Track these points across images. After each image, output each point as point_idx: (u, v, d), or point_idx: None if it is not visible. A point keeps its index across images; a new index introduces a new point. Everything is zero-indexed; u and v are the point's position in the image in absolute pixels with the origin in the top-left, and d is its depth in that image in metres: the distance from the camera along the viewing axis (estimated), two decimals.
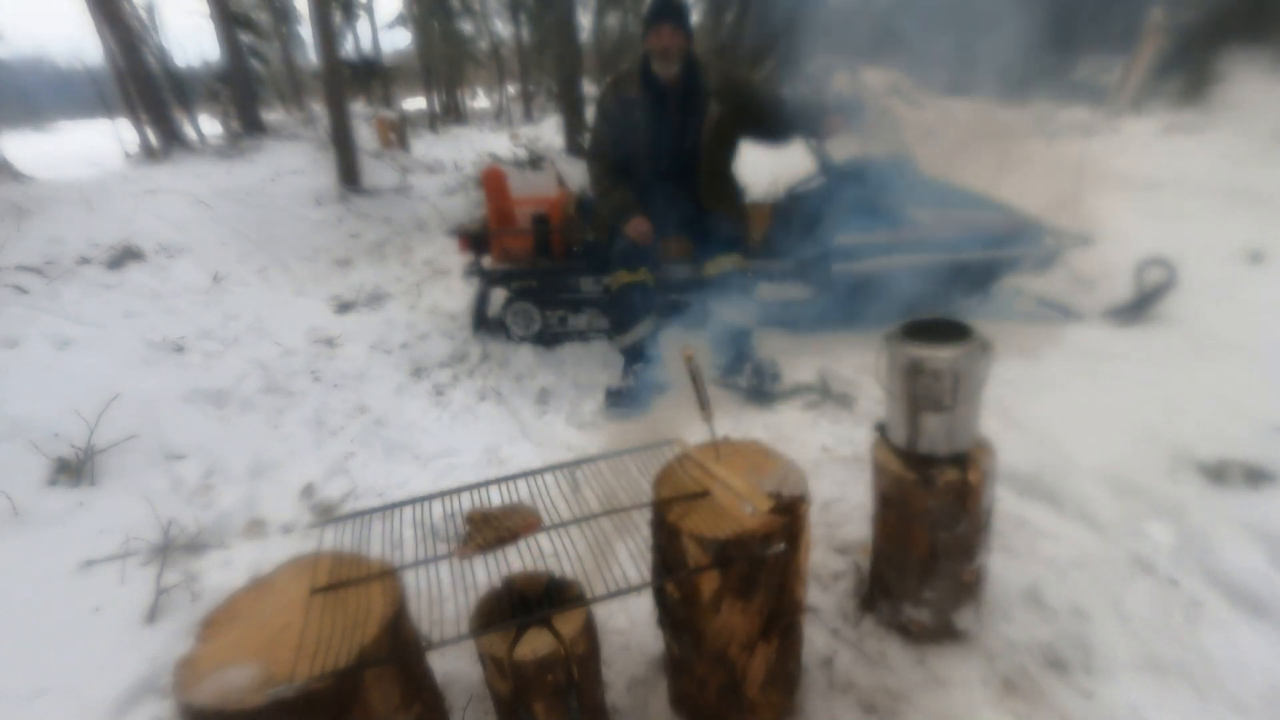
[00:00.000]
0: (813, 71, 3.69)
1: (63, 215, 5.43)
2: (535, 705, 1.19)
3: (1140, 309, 3.37)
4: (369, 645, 1.08)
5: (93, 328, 3.52)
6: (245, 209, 6.31)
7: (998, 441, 1.63)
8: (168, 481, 2.50)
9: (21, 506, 2.25)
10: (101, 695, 1.62)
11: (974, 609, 1.68)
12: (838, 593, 1.88)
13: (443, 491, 1.45)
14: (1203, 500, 1.99)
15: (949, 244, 3.35)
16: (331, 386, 3.37)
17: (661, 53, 2.88)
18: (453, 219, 6.27)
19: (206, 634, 1.15)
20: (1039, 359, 3.01)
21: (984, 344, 1.50)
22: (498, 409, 3.13)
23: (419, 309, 4.48)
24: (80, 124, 22.03)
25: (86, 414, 2.58)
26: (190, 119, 11.88)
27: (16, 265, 4.25)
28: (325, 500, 2.49)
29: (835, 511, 2.20)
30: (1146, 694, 1.50)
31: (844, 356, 3.24)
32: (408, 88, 25.41)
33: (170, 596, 1.94)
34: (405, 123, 12.92)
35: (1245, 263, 3.81)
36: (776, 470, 1.45)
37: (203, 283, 4.59)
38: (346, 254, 5.88)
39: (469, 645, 1.48)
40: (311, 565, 1.27)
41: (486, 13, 21.95)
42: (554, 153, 8.99)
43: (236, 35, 12.35)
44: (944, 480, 1.52)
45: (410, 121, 14.74)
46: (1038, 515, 2.08)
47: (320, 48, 7.82)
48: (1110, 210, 4.37)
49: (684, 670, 1.48)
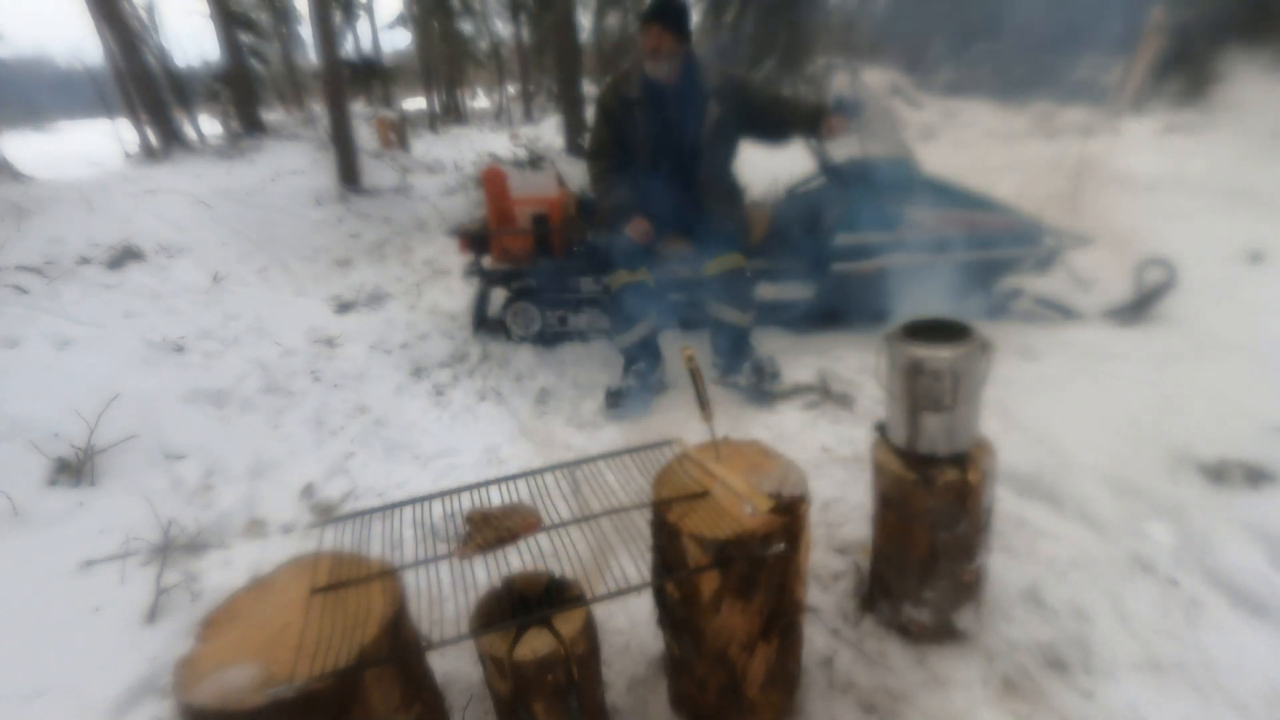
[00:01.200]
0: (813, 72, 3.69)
1: (63, 215, 5.44)
2: (535, 705, 1.19)
3: (1140, 309, 3.36)
4: (369, 645, 1.08)
5: (93, 328, 3.52)
6: (245, 209, 6.31)
7: (998, 441, 1.63)
8: (168, 481, 2.50)
9: (21, 506, 2.25)
10: (101, 695, 1.62)
11: (974, 609, 1.68)
12: (838, 593, 1.88)
13: (443, 491, 1.45)
14: (1203, 500, 1.99)
15: (949, 244, 3.35)
16: (331, 386, 3.37)
17: (651, 53, 2.89)
18: (453, 219, 6.27)
19: (206, 634, 1.15)
20: (1039, 359, 3.00)
21: (984, 344, 1.50)
22: (498, 409, 3.13)
23: (419, 309, 4.48)
24: (80, 124, 22.01)
25: (86, 414, 2.58)
26: (190, 119, 11.89)
27: (16, 265, 4.25)
28: (325, 500, 2.49)
29: (835, 511, 2.20)
30: (1146, 694, 1.50)
31: (844, 356, 3.24)
32: (408, 88, 25.40)
33: (170, 596, 1.94)
34: (405, 123, 12.91)
35: (1245, 263, 3.81)
36: (776, 470, 1.45)
37: (203, 283, 4.59)
38: (346, 254, 5.88)
39: (469, 645, 1.48)
40: (311, 565, 1.27)
41: (486, 13, 21.94)
42: (554, 153, 8.99)
43: (236, 35, 12.35)
44: (944, 480, 1.52)
45: (410, 121, 14.73)
46: (1038, 515, 2.08)
47: (320, 48, 7.81)
48: (1110, 210, 4.37)
49: (684, 670, 1.48)
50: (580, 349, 3.68)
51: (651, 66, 2.93)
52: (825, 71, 3.75)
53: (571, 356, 3.61)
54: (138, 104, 9.80)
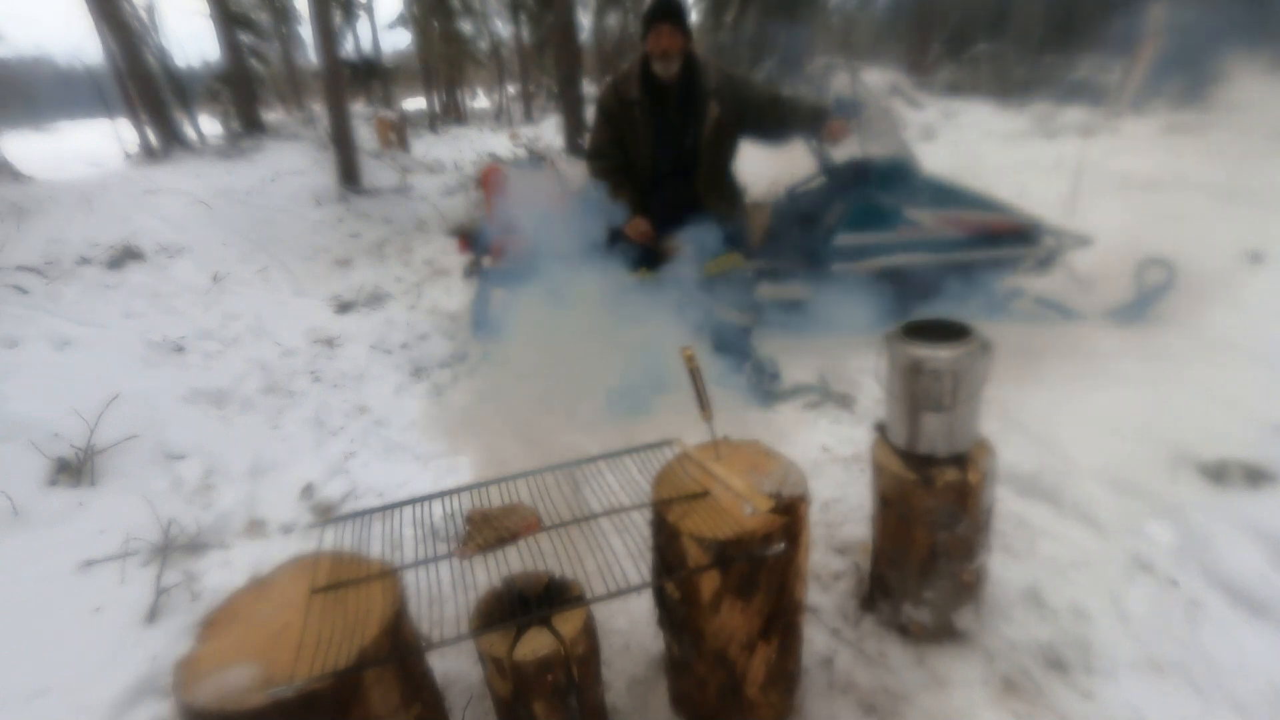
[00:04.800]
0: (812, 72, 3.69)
1: (63, 215, 5.44)
2: (535, 705, 1.19)
3: (1140, 309, 3.36)
4: (369, 645, 1.08)
5: (93, 328, 3.52)
6: (245, 209, 6.31)
7: (998, 441, 1.63)
8: (168, 481, 2.50)
9: (21, 506, 2.25)
10: (101, 695, 1.62)
11: (974, 609, 1.68)
12: (838, 593, 1.88)
13: (443, 491, 1.45)
14: (1203, 500, 1.99)
15: (949, 244, 3.35)
16: (331, 386, 3.37)
17: (661, 54, 2.88)
18: (453, 219, 6.27)
19: (206, 634, 1.15)
20: (1039, 359, 3.00)
21: (984, 344, 1.50)
22: (497, 409, 3.13)
23: (419, 309, 4.48)
24: (80, 124, 22.03)
25: (86, 414, 2.58)
26: (190, 119, 11.87)
27: (16, 265, 4.25)
28: (325, 500, 2.49)
29: (835, 511, 2.20)
30: (1146, 694, 1.50)
31: (844, 356, 3.24)
32: (408, 88, 25.42)
33: (170, 596, 1.94)
34: (405, 123, 12.91)
35: (1245, 263, 3.81)
36: (776, 470, 1.45)
37: (203, 283, 4.59)
38: (346, 254, 5.88)
39: (469, 645, 1.48)
40: (311, 565, 1.27)
41: (486, 13, 21.96)
42: (554, 153, 8.98)
43: (236, 35, 12.35)
44: (944, 480, 1.52)
45: (410, 121, 14.73)
46: (1038, 515, 2.08)
47: (320, 48, 7.81)
48: (1110, 210, 4.37)
49: (684, 670, 1.48)
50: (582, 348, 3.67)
51: (661, 67, 2.93)
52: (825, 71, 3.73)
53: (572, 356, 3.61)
54: (138, 104, 9.79)
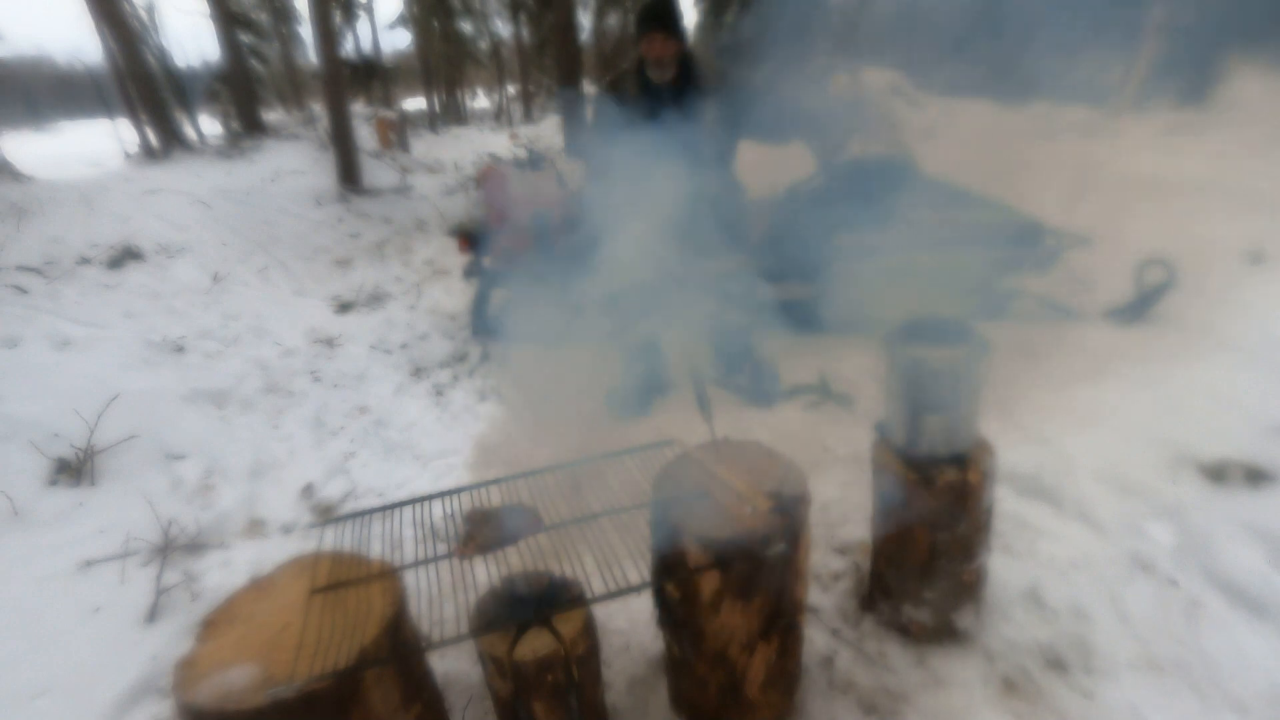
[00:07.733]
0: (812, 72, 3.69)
1: (63, 215, 5.43)
2: (535, 705, 1.19)
3: (1140, 309, 3.36)
4: (369, 645, 1.08)
5: (93, 328, 3.52)
6: (245, 209, 6.30)
7: (998, 441, 1.63)
8: (168, 481, 2.50)
9: (21, 506, 2.25)
10: (101, 695, 1.62)
11: (974, 609, 1.68)
12: (838, 593, 1.88)
13: (443, 491, 1.45)
14: (1203, 500, 1.99)
15: (949, 244, 3.34)
16: (331, 386, 3.37)
17: (655, 61, 2.88)
18: (453, 219, 6.27)
19: (206, 634, 1.15)
20: (1039, 359, 3.00)
21: (984, 344, 1.49)
22: (498, 409, 3.13)
23: (419, 309, 4.48)
24: (80, 124, 22.04)
25: (86, 414, 2.58)
26: (190, 119, 11.88)
27: (16, 265, 4.25)
28: (325, 500, 2.49)
29: (835, 511, 2.20)
30: (1146, 694, 1.50)
31: (844, 356, 3.24)
32: (408, 88, 25.43)
33: (170, 596, 1.94)
34: (405, 123, 12.91)
35: (1245, 263, 3.81)
36: (776, 470, 1.45)
37: (203, 283, 4.59)
38: (346, 254, 5.88)
39: (469, 645, 1.48)
40: (311, 565, 1.27)
41: (486, 13, 21.97)
42: (554, 153, 8.98)
43: (236, 35, 12.35)
44: (944, 480, 1.52)
45: (410, 121, 14.73)
46: (1038, 515, 2.08)
47: (320, 48, 7.81)
48: (1110, 210, 4.36)
49: (684, 670, 1.48)
50: (582, 348, 3.68)
51: (655, 73, 2.92)
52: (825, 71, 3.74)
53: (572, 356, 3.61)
54: (138, 104, 9.78)
